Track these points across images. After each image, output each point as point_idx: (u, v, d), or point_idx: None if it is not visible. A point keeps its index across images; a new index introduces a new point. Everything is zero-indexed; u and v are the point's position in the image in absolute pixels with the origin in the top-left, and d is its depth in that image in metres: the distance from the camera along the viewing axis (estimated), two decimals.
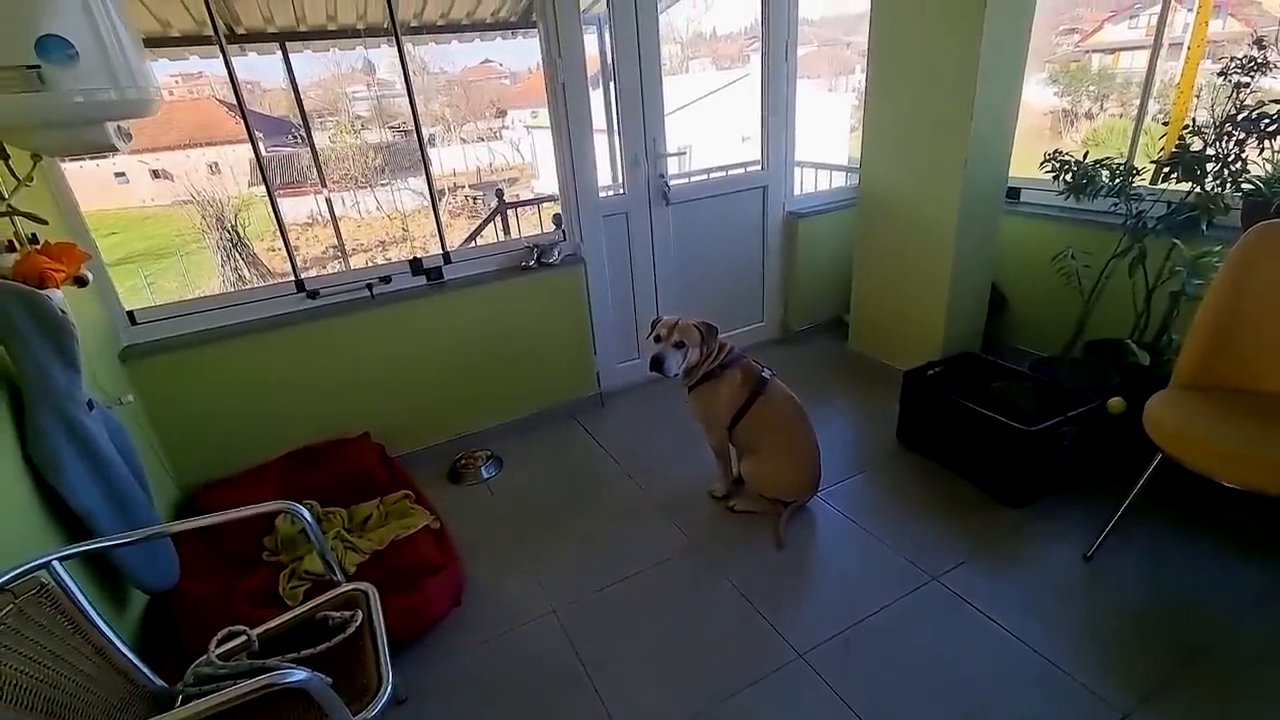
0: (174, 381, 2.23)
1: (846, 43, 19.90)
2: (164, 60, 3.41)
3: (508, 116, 21.42)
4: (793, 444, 2.18)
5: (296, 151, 16.59)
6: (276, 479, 2.35)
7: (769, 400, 2.18)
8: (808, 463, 2.19)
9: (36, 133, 1.45)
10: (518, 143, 19.90)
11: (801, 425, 2.20)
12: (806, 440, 2.19)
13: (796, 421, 2.20)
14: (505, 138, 20.26)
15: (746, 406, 2.17)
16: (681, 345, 2.11)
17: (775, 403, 2.19)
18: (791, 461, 2.18)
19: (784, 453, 2.18)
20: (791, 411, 2.20)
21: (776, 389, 2.21)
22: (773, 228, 3.27)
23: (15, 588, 1.09)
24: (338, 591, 1.46)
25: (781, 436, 2.18)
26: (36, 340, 1.42)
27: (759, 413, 2.17)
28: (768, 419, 2.17)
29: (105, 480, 1.55)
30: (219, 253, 12.89)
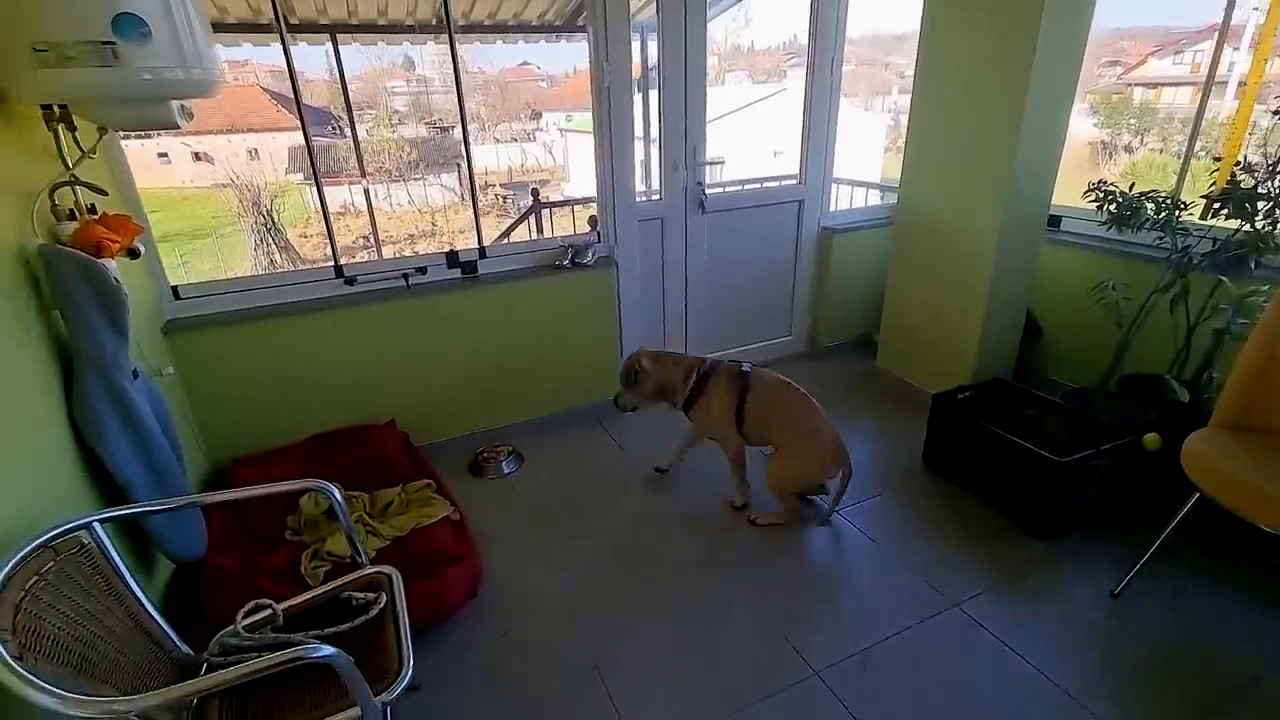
0: (211, 357, 2.27)
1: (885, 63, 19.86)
2: (216, 46, 3.51)
3: (542, 119, 21.66)
4: (800, 422, 2.19)
5: (334, 142, 16.93)
6: (302, 460, 2.38)
7: (759, 389, 2.22)
8: (822, 435, 2.16)
9: (105, 107, 1.50)
10: (550, 145, 20.10)
11: (801, 402, 2.22)
12: (811, 414, 2.20)
13: (795, 400, 2.22)
14: (538, 139, 20.49)
15: (741, 404, 2.21)
16: (630, 379, 2.28)
17: (767, 389, 2.23)
18: (806, 440, 2.16)
19: (795, 435, 2.18)
20: (788, 393, 2.23)
21: (763, 378, 2.25)
22: (806, 242, 3.26)
23: (57, 545, 1.11)
24: (362, 573, 1.47)
25: (787, 418, 2.20)
26: (90, 307, 1.46)
27: (756, 404, 2.20)
28: (767, 407, 2.21)
29: (144, 449, 1.59)
30: (253, 236, 13.17)
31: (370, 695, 1.11)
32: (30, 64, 1.33)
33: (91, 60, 1.36)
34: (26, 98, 1.44)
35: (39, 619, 1.01)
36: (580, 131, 18.40)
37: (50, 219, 1.53)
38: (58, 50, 1.33)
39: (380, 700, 1.16)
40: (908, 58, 2.89)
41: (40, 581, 1.05)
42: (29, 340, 1.40)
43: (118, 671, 1.10)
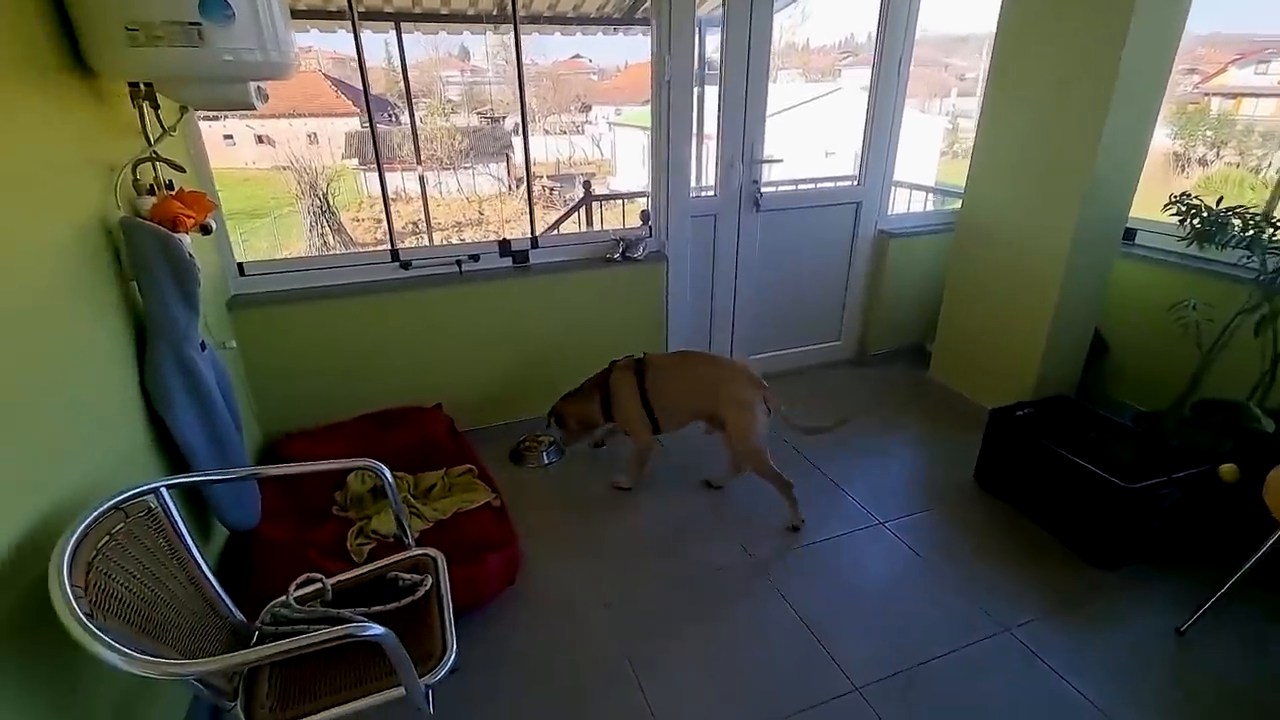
0: (270, 333, 2.34)
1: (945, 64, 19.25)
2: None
3: (591, 112, 21.74)
4: (713, 376, 2.23)
5: (390, 129, 17.32)
6: (351, 438, 2.44)
7: (655, 367, 2.29)
8: (736, 375, 2.20)
9: (188, 86, 1.54)
10: (598, 138, 20.16)
11: (703, 358, 2.36)
12: (717, 364, 2.29)
13: (697, 360, 2.34)
14: (587, 132, 20.57)
15: (643, 389, 2.27)
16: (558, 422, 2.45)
17: (664, 362, 2.32)
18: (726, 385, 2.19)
19: (718, 391, 2.19)
20: (689, 358, 2.36)
21: (657, 357, 2.34)
22: (862, 245, 3.17)
23: (127, 507, 1.15)
24: (409, 554, 1.49)
25: (696, 379, 2.25)
26: (165, 280, 1.51)
27: (657, 381, 2.27)
28: (670, 379, 2.27)
29: (208, 418, 1.64)
30: (308, 218, 13.59)
31: (415, 676, 1.12)
32: (121, 43, 1.38)
33: (178, 40, 1.40)
34: (116, 75, 1.50)
35: (108, 578, 1.04)
36: (629, 125, 18.38)
37: (131, 193, 1.58)
38: (147, 29, 1.37)
39: (424, 681, 1.16)
40: (970, 59, 2.82)
41: (110, 541, 1.09)
42: (108, 309, 1.46)
43: (176, 633, 1.13)
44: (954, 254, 2.85)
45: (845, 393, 3.17)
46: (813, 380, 3.29)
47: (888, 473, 2.55)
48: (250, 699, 1.17)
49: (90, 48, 1.41)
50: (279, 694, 1.18)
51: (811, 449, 2.67)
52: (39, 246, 1.23)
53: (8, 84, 1.20)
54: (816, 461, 2.60)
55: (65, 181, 1.36)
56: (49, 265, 1.25)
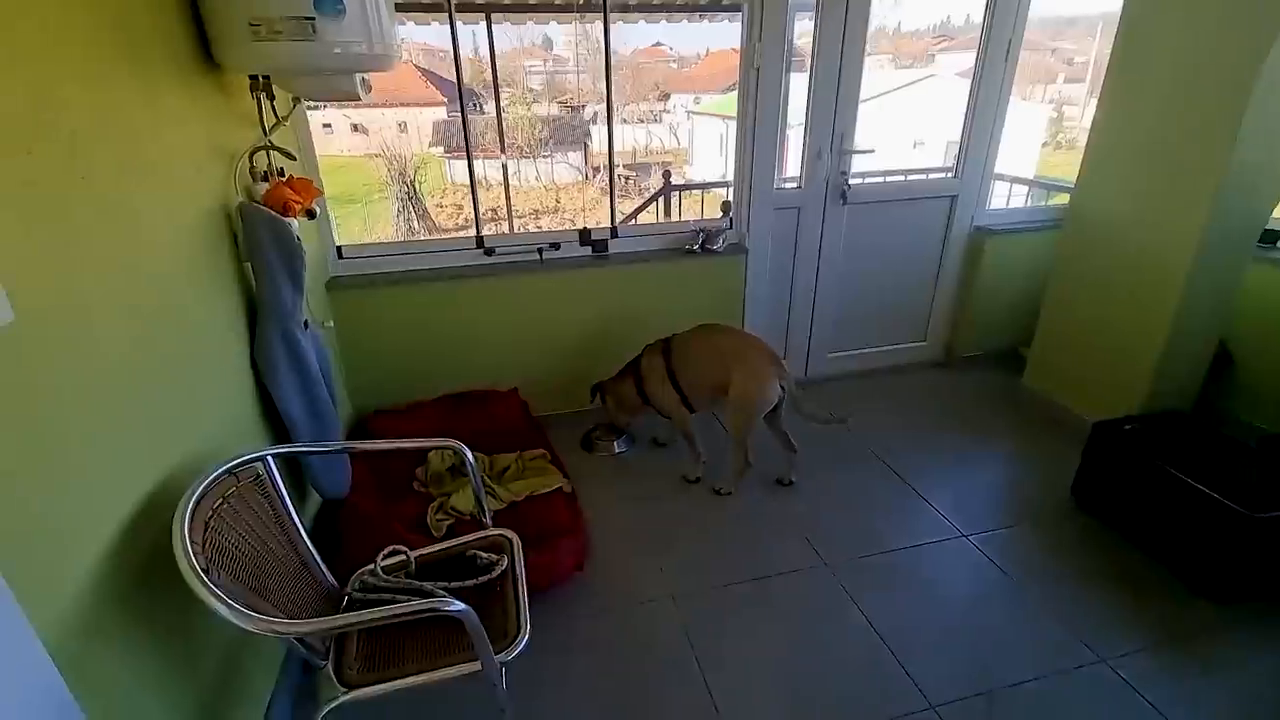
0: (364, 314, 2.46)
1: (1051, 49, 17.86)
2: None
3: (670, 100, 21.60)
4: (724, 346, 2.27)
5: (474, 118, 17.87)
6: (433, 417, 2.54)
7: (678, 343, 2.37)
8: (747, 347, 2.23)
9: (301, 78, 1.64)
10: (676, 127, 20.03)
11: (721, 330, 2.36)
12: (731, 335, 2.33)
13: (714, 332, 2.35)
14: (665, 121, 20.48)
15: (670, 367, 2.34)
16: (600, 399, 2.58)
17: (686, 337, 2.37)
18: (734, 359, 2.21)
19: (726, 362, 2.22)
20: (707, 330, 2.37)
21: (680, 336, 2.39)
22: (955, 241, 3.00)
23: (239, 472, 1.24)
24: (486, 533, 1.54)
25: (711, 351, 2.28)
26: (275, 261, 1.62)
27: (680, 356, 2.34)
28: (691, 352, 2.33)
29: (308, 392, 1.75)
30: (395, 203, 14.26)
31: (491, 652, 1.16)
32: (245, 37, 1.47)
33: (294, 34, 1.48)
34: (239, 69, 1.60)
35: (221, 536, 1.13)
36: (708, 114, 18.20)
37: (248, 179, 1.70)
38: (268, 25, 1.46)
39: (499, 658, 1.20)
40: (1080, 42, 2.60)
41: (224, 504, 1.18)
42: (227, 288, 1.58)
43: (278, 592, 1.22)
44: (1060, 252, 2.65)
45: (929, 396, 3.02)
46: (894, 381, 3.15)
47: (974, 483, 2.41)
48: (340, 658, 1.24)
49: (218, 44, 1.52)
50: (365, 657, 1.25)
51: (887, 452, 2.56)
52: (173, 228, 1.34)
53: (152, 79, 1.30)
54: (896, 466, 2.50)
55: (195, 168, 1.47)
56: (179, 246, 1.36)
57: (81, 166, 1.04)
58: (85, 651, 0.93)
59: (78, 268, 1.01)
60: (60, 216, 0.98)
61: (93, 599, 0.96)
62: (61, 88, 1.02)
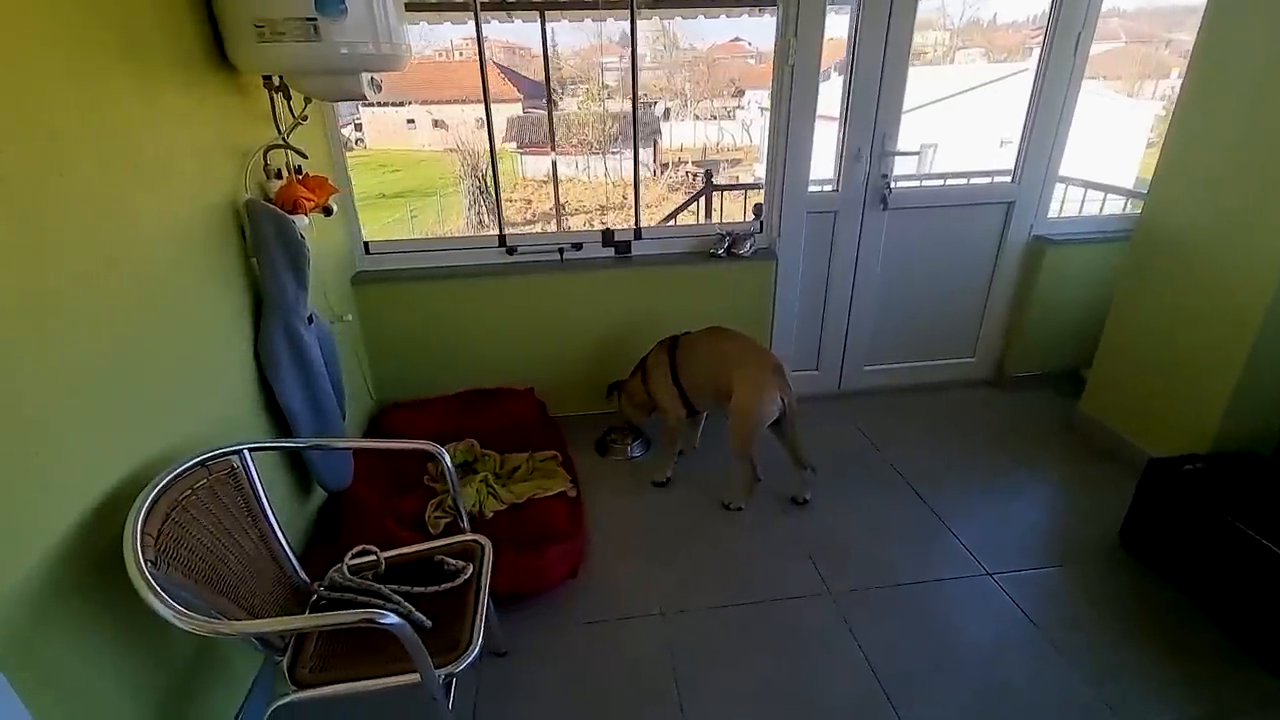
0: (388, 308, 2.52)
1: (1166, 40, 16.30)
2: (447, 25, 3.84)
3: (744, 97, 21.23)
4: (727, 353, 2.19)
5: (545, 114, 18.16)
6: (450, 412, 2.57)
7: (685, 343, 2.32)
8: (749, 356, 2.16)
9: (309, 78, 1.67)
10: (749, 124, 19.68)
11: (726, 334, 2.27)
12: (734, 340, 2.24)
13: (719, 336, 2.27)
14: (738, 118, 20.15)
15: (674, 365, 2.30)
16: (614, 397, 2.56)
17: (692, 339, 2.32)
18: (736, 366, 2.13)
19: (729, 369, 2.14)
20: (714, 334, 2.29)
21: (688, 336, 2.35)
22: (1010, 251, 2.77)
23: (212, 465, 1.27)
24: (457, 539, 1.52)
25: (716, 355, 2.22)
26: (279, 257, 1.66)
27: (684, 357, 2.29)
28: (695, 355, 2.28)
29: (309, 386, 1.79)
30: (467, 197, 14.72)
31: (430, 666, 1.13)
32: (251, 38, 1.51)
33: (297, 35, 1.50)
34: (250, 69, 1.65)
35: (183, 529, 1.16)
36: None
37: (262, 176, 1.75)
38: (271, 26, 1.49)
39: (443, 671, 1.18)
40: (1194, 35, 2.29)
41: (192, 496, 1.21)
42: (234, 282, 1.63)
43: (240, 587, 1.24)
44: (1127, 266, 2.39)
45: (973, 417, 2.80)
46: (936, 399, 2.95)
47: (1009, 516, 2.22)
48: (297, 655, 1.25)
49: (229, 44, 1.56)
50: (320, 656, 1.26)
51: (917, 474, 2.39)
52: (171, 224, 1.39)
53: (151, 77, 1.35)
54: (920, 489, 2.33)
55: (203, 166, 1.52)
56: (179, 241, 1.41)
57: (60, 164, 1.09)
58: (33, 637, 0.96)
59: (48, 266, 1.05)
60: (30, 215, 1.02)
61: (46, 586, 0.99)
62: (43, 86, 1.06)
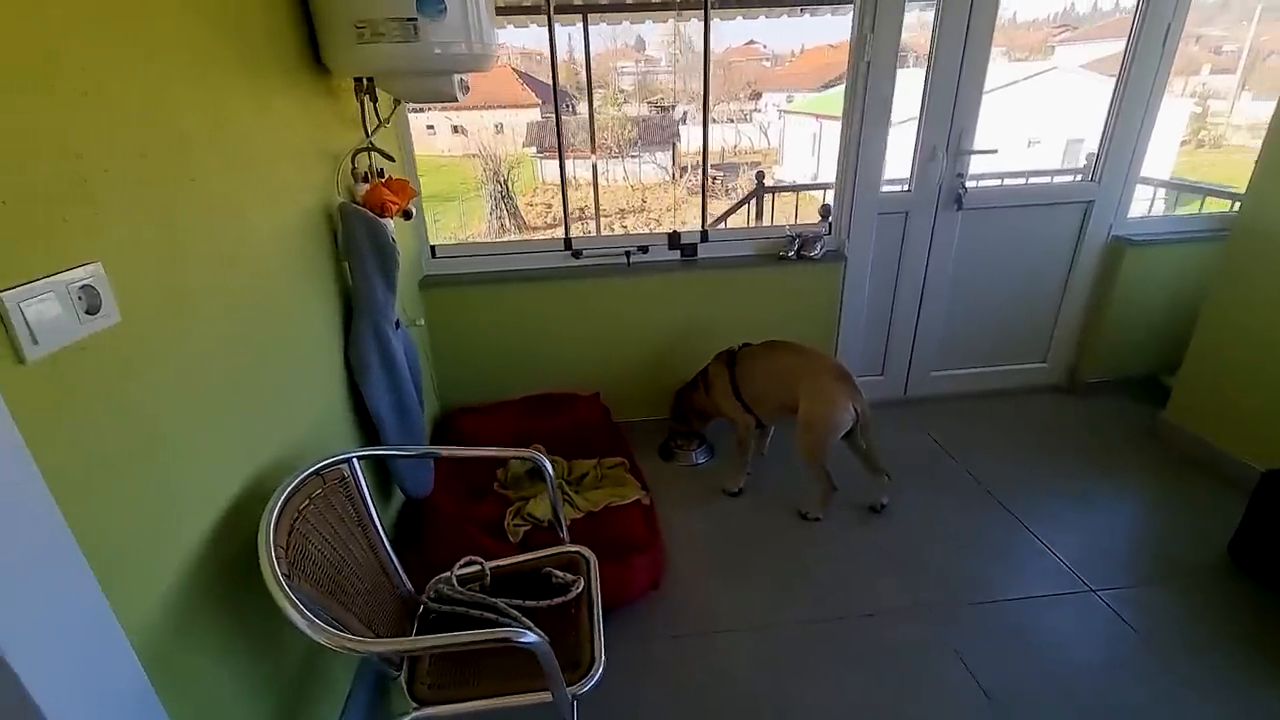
0: (454, 313, 2.49)
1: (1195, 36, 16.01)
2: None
3: (761, 99, 21.17)
4: (792, 365, 2.14)
5: (566, 119, 18.29)
6: (515, 418, 2.54)
7: (745, 355, 2.27)
8: (817, 367, 2.09)
9: (402, 79, 1.64)
10: (766, 127, 19.61)
11: (790, 348, 2.21)
12: (800, 354, 2.17)
13: (783, 349, 2.22)
14: (755, 121, 20.08)
15: (733, 376, 2.26)
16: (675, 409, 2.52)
17: (753, 351, 2.27)
18: (803, 378, 2.08)
19: (795, 381, 2.09)
20: (776, 347, 2.24)
21: (748, 349, 2.29)
22: (1089, 253, 2.68)
23: (325, 474, 1.24)
24: (562, 549, 1.48)
25: (780, 369, 2.17)
26: (370, 260, 1.63)
27: (745, 368, 2.25)
28: (756, 366, 2.24)
29: (396, 391, 1.76)
30: (489, 201, 14.80)
31: (564, 686, 1.09)
32: (350, 40, 1.49)
33: (396, 35, 1.48)
34: (345, 71, 1.62)
35: (306, 539, 1.13)
36: (800, 113, 17.71)
37: (349, 179, 1.73)
38: (372, 26, 1.47)
39: (571, 692, 1.13)
40: (1230, 29, 2.25)
41: (310, 505, 1.18)
42: (326, 286, 1.60)
43: (356, 598, 1.20)
44: (1225, 269, 2.29)
45: (1049, 424, 2.72)
46: (1007, 405, 2.86)
47: (1106, 530, 2.12)
48: (413, 671, 1.22)
49: (326, 47, 1.54)
50: (438, 672, 1.22)
51: (997, 483, 2.32)
52: (274, 227, 1.36)
53: (263, 82, 1.33)
54: (1002, 498, 2.25)
55: (299, 169, 1.50)
56: (280, 244, 1.39)
57: (191, 168, 1.06)
58: (173, 649, 0.94)
59: (181, 269, 1.02)
60: (167, 218, 0.99)
61: (183, 598, 0.97)
62: (175, 90, 1.04)
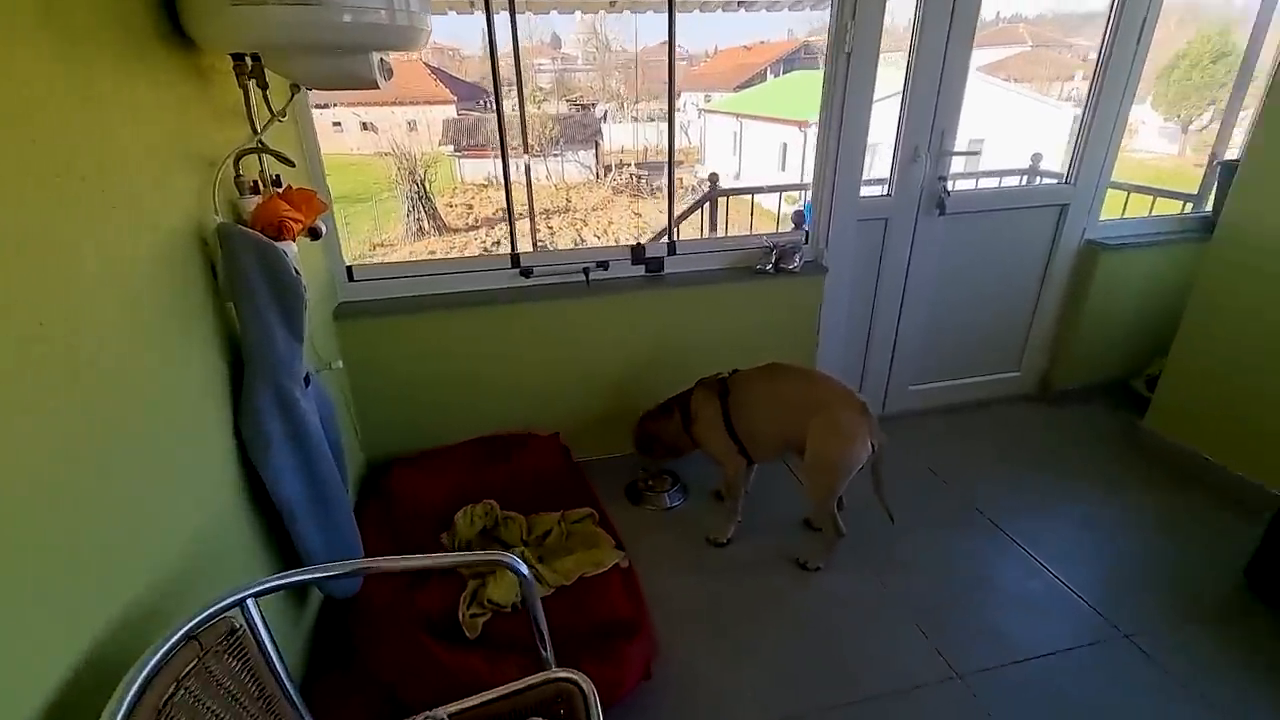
0: (378, 346, 2.07)
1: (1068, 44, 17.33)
2: None
3: (680, 98, 21.20)
4: (801, 395, 1.86)
5: (484, 116, 17.53)
6: (461, 467, 2.15)
7: (739, 385, 1.97)
8: (831, 397, 1.82)
9: (301, 57, 1.23)
10: (687, 126, 19.64)
11: (796, 373, 1.97)
12: (811, 382, 1.91)
13: (787, 376, 1.95)
14: (675, 120, 20.10)
15: (725, 408, 1.95)
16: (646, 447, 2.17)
17: (748, 379, 1.97)
18: (816, 411, 1.81)
19: (803, 414, 1.82)
20: (776, 373, 1.96)
21: (742, 372, 2.00)
22: (1062, 257, 2.58)
23: (201, 635, 0.84)
24: (547, 677, 1.13)
25: (785, 400, 1.89)
26: (264, 300, 1.22)
27: (740, 399, 1.94)
28: (754, 398, 1.94)
29: (309, 468, 1.35)
30: (405, 203, 13.95)
31: None
32: (222, 2, 1.08)
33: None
34: (218, 44, 1.20)
35: None
36: (719, 113, 17.84)
37: (233, 192, 1.30)
38: None
39: None
40: (1096, 39, 2.26)
41: (179, 692, 0.78)
42: (201, 340, 1.18)
43: None
44: (1205, 274, 2.21)
45: (1030, 438, 2.59)
46: (985, 418, 2.73)
47: (1115, 556, 1.98)
48: None
49: (188, 9, 1.12)
50: None
51: (999, 513, 2.15)
52: (127, 257, 0.95)
53: (82, 54, 0.91)
54: (1017, 535, 2.07)
55: (156, 178, 1.08)
56: (138, 281, 0.97)
57: None
58: None
59: None
60: None
61: None
62: None
